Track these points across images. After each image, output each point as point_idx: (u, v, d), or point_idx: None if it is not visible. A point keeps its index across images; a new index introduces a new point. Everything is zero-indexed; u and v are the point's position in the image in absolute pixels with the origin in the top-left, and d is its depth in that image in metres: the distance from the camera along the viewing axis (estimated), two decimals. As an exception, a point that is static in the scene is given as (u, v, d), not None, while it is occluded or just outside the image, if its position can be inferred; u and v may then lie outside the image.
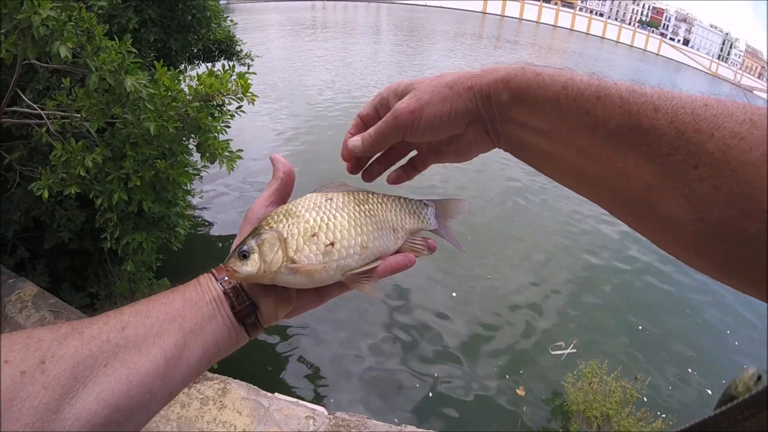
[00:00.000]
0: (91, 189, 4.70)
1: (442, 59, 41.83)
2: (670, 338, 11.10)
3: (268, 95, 22.32)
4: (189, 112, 4.17)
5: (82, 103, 4.43)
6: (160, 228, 5.36)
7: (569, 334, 10.19)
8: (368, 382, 8.36)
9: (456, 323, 9.96)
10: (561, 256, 13.44)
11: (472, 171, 17.69)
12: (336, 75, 29.20)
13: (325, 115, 21.40)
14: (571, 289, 11.95)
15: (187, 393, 4.77)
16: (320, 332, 9.31)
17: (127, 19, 6.17)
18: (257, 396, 4.91)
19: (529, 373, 9.05)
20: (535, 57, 58.68)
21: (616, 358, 9.37)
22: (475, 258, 12.35)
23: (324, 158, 16.87)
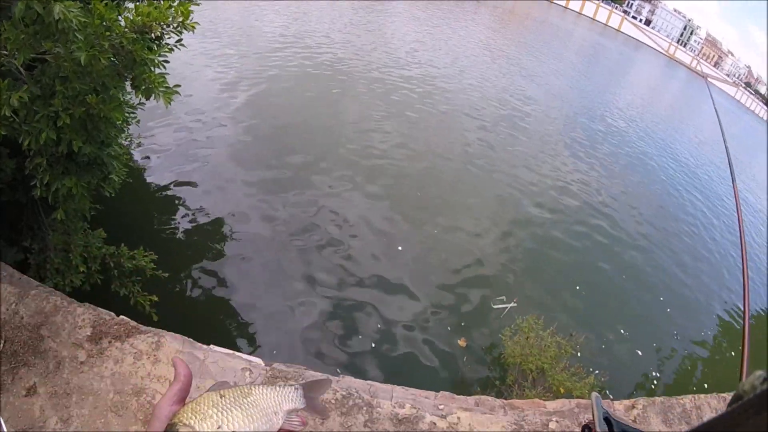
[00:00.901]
0: (20, 131, 4.37)
1: (401, 18, 40.70)
2: (607, 300, 11.66)
3: (214, 36, 21.03)
4: (124, 44, 3.88)
5: (8, 36, 4.06)
6: (92, 172, 5.03)
7: (511, 289, 10.53)
8: (309, 334, 8.32)
9: (401, 277, 10.03)
10: (507, 215, 13.78)
11: (421, 129, 17.76)
12: (288, 20, 27.88)
13: (280, 63, 20.52)
14: (516, 248, 12.34)
15: (120, 348, 4.60)
16: (260, 285, 9.12)
17: (61, -54, 5.68)
18: (192, 348, 4.79)
19: (470, 325, 9.30)
20: (496, 20, 58.44)
21: (554, 315, 9.72)
22: (423, 214, 12.45)
23: (273, 104, 16.42)
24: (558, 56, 45.96)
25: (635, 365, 10.06)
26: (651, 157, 24.80)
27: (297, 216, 10.99)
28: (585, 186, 17.32)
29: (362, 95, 19.36)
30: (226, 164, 12.38)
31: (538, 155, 18.81)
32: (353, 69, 22.24)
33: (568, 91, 32.72)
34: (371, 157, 14.51)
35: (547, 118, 24.17)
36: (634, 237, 15.13)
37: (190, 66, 15.38)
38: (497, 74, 29.57)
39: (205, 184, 11.34)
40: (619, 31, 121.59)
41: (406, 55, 27.14)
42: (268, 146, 13.67)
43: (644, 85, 56.52)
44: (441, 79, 24.41)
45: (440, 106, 20.55)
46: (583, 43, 69.18)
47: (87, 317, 4.84)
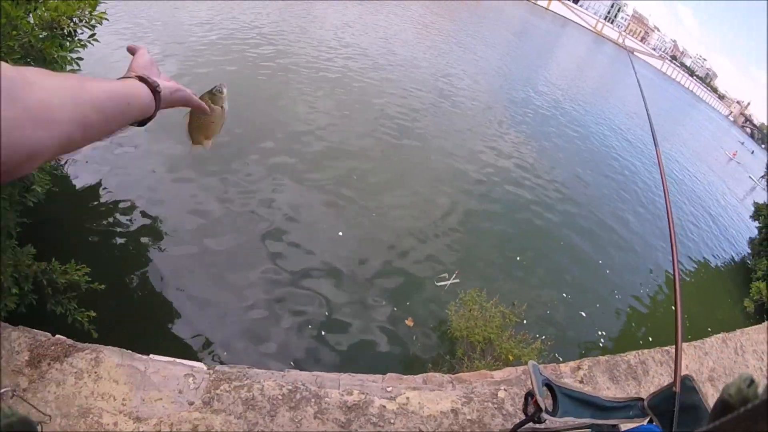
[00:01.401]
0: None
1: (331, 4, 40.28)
2: (548, 267, 12.12)
3: (138, 29, 19.94)
4: (33, 43, 3.70)
5: None
6: (12, 184, 4.78)
7: (453, 265, 10.65)
8: (253, 331, 8.12)
9: (343, 262, 9.95)
10: (444, 192, 13.91)
11: (351, 110, 17.66)
12: (214, 10, 26.11)
13: (202, 50, 19.56)
14: (455, 224, 12.51)
15: (60, 369, 4.41)
16: (199, 286, 8.75)
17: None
18: (132, 360, 4.63)
19: (416, 304, 9.37)
20: (426, 3, 58.65)
21: (497, 286, 9.96)
22: (361, 197, 12.37)
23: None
24: (488, 35, 46.85)
25: (580, 327, 10.52)
26: (581, 127, 25.96)
27: (233, 210, 10.57)
28: (517, 160, 17.80)
29: (292, 80, 18.91)
30: (155, 163, 11.63)
31: (470, 131, 19.19)
32: (281, 53, 21.74)
33: (499, 68, 33.48)
34: (304, 142, 14.20)
35: (478, 95, 24.63)
36: (569, 204, 15.80)
37: (110, 62, 14.60)
38: (428, 53, 29.82)
39: (135, 186, 10.66)
40: (548, 10, 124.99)
41: (333, 38, 26.74)
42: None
43: (571, 60, 58.63)
44: (371, 60, 24.37)
45: (371, 87, 20.50)
46: (513, 21, 70.72)
47: (23, 341, 4.62)
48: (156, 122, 2.18)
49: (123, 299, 8.06)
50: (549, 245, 13.10)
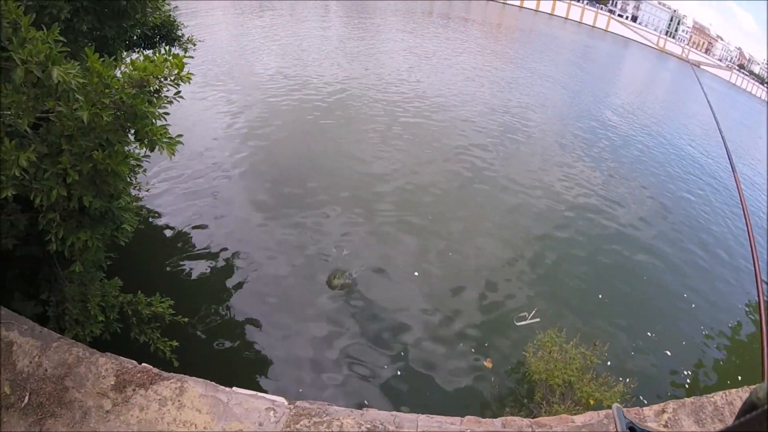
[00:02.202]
0: (31, 189, 4.48)
1: (394, 38, 41.54)
2: (630, 304, 11.47)
3: (212, 80, 21.72)
4: (124, 99, 3.99)
5: (12, 99, 4.19)
6: (105, 224, 5.14)
7: (532, 304, 10.40)
8: (331, 367, 8.34)
9: (420, 302, 10.05)
10: (519, 229, 13.70)
11: (422, 151, 17.79)
12: (284, 57, 28.64)
13: (275, 101, 20.99)
14: (532, 262, 12.22)
15: (144, 395, 4.63)
16: (277, 322, 9.20)
17: (59, 9, 5.85)
18: (215, 392, 4.80)
19: (494, 344, 9.24)
20: (485, 34, 59.02)
21: (578, 326, 9.65)
22: (435, 237, 12.45)
23: (272, 141, 16.72)
24: (550, 63, 46.22)
25: (665, 367, 9.95)
26: (654, 154, 24.73)
27: (307, 249, 11.16)
28: (592, 191, 17.27)
29: (358, 122, 19.65)
30: (233, 204, 12.67)
31: (543, 165, 18.83)
32: (348, 96, 22.65)
33: (564, 97, 32.86)
34: (375, 183, 14.68)
35: (546, 126, 24.24)
36: (649, 238, 15.01)
37: (186, 108, 15.64)
38: (493, 89, 29.73)
39: (214, 226, 11.61)
40: (607, 31, 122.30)
41: (400, 78, 27.47)
42: (272, 183, 13.94)
43: (637, 80, 56.67)
44: (438, 100, 24.66)
45: (440, 126, 20.70)
46: (573, 47, 69.53)
47: (110, 366, 4.89)
48: (240, 166, 2.32)
49: (203, 332, 8.51)
50: (631, 281, 12.48)
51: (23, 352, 5.03)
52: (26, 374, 4.83)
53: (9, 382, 4.75)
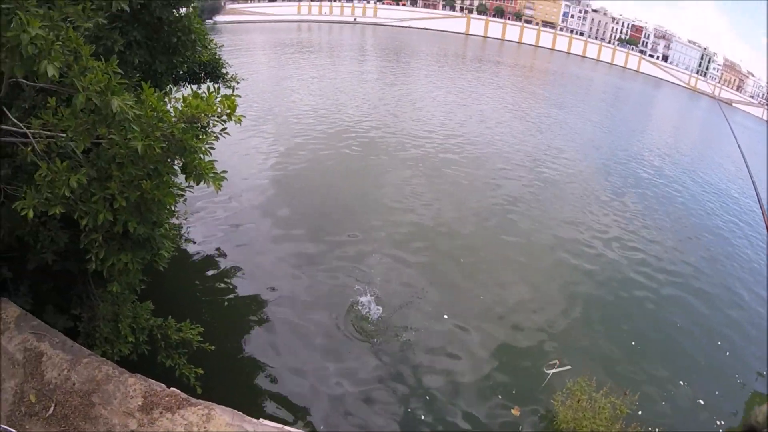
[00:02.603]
0: (76, 209, 4.67)
1: (426, 79, 42.39)
2: (662, 352, 11.09)
3: (252, 117, 22.60)
4: (175, 133, 4.19)
5: (68, 123, 4.42)
6: (145, 249, 5.32)
7: (562, 350, 10.17)
8: (357, 405, 8.30)
9: (448, 346, 9.94)
10: (552, 275, 13.45)
11: (455, 194, 17.91)
12: (321, 98, 29.58)
13: (310, 139, 21.73)
14: (564, 308, 11.97)
15: (171, 419, 4.69)
16: (305, 355, 9.26)
17: (113, 41, 6.18)
18: (242, 422, 4.84)
19: (522, 391, 9.03)
20: (517, 77, 59.49)
21: (609, 374, 9.37)
22: (467, 280, 12.36)
23: (306, 181, 17.07)
24: (583, 105, 46.13)
25: (698, 416, 9.55)
26: (689, 198, 24.08)
27: (335, 286, 11.28)
28: (627, 235, 16.97)
29: (391, 162, 20.03)
30: (263, 237, 13.01)
31: (575, 208, 18.66)
32: (381, 135, 23.22)
33: (596, 138, 32.53)
34: (406, 222, 14.83)
35: (578, 171, 23.98)
36: (683, 284, 14.58)
37: (222, 141, 16.19)
38: (525, 131, 29.77)
39: (243, 257, 11.93)
40: (638, 72, 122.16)
41: (432, 119, 27.96)
42: (303, 218, 14.28)
43: (668, 121, 56.05)
44: (470, 140, 24.97)
45: (472, 168, 20.85)
46: (606, 88, 69.44)
47: (138, 387, 4.98)
48: (272, 200, 2.37)
49: (230, 361, 8.63)
50: (664, 328, 12.07)
51: (53, 364, 5.16)
52: (53, 386, 4.95)
53: (35, 392, 4.88)
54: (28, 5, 3.64)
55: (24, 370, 5.09)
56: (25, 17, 3.57)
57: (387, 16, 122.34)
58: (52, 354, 5.28)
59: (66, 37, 4.02)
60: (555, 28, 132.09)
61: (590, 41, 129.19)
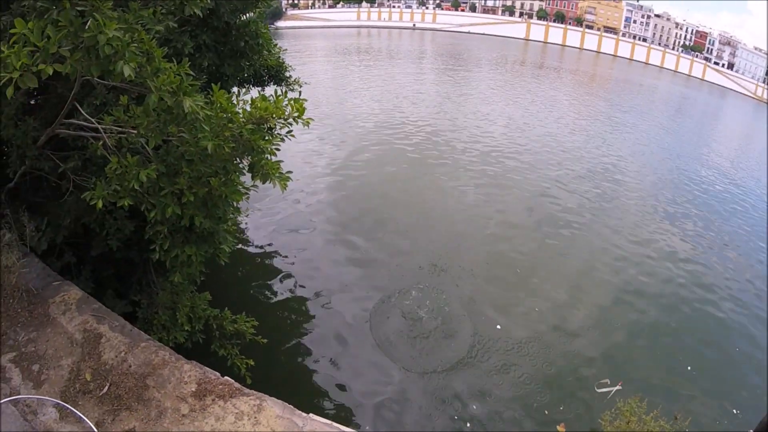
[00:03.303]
0: (144, 202, 4.92)
1: (486, 86, 41.98)
2: (719, 377, 10.60)
3: (315, 121, 22.99)
4: (243, 134, 4.35)
5: (140, 121, 4.66)
6: (209, 243, 5.56)
7: (615, 370, 9.90)
8: (401, 410, 8.36)
9: (498, 356, 9.90)
10: (609, 290, 13.13)
11: (511, 203, 17.71)
12: (381, 103, 30.05)
13: (368, 140, 22.19)
14: (618, 324, 11.66)
15: (222, 406, 4.86)
16: (355, 356, 9.41)
17: (183, 44, 6.47)
18: (292, 415, 4.96)
19: (569, 408, 8.89)
20: (578, 83, 57.97)
21: (662, 396, 9.02)
22: (522, 290, 12.27)
23: (364, 186, 17.38)
24: (646, 116, 44.23)
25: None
26: (754, 212, 22.91)
27: (386, 289, 11.44)
28: (692, 254, 16.20)
29: (448, 168, 20.09)
30: (322, 239, 13.42)
31: (635, 223, 17.99)
32: (442, 144, 23.22)
33: (659, 151, 31.07)
34: (460, 230, 14.84)
35: (639, 185, 23.03)
36: (745, 308, 13.73)
37: (289, 144, 16.74)
38: (588, 142, 28.96)
39: (302, 257, 12.35)
40: (703, 80, 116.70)
41: (491, 126, 27.81)
42: (357, 221, 14.65)
43: (734, 134, 53.15)
44: (530, 148, 24.66)
45: (530, 177, 20.58)
46: (669, 98, 66.54)
47: (193, 374, 5.17)
48: (328, 202, 2.33)
49: (281, 355, 8.92)
50: (723, 354, 11.49)
51: (111, 345, 5.42)
52: (110, 366, 5.20)
53: (91, 370, 5.12)
54: (104, 7, 3.81)
55: (82, 349, 5.34)
56: (102, 19, 3.76)
57: (446, 22, 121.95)
58: (111, 336, 5.53)
59: (139, 39, 4.21)
60: (617, 33, 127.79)
61: (654, 47, 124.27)
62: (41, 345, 5.32)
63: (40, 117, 6.03)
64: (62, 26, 3.77)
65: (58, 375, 5.07)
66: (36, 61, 3.76)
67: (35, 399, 4.77)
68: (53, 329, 5.52)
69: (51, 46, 3.76)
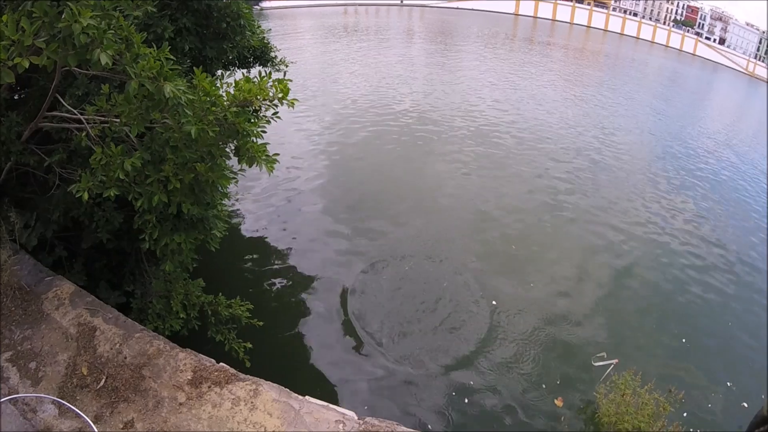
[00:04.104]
0: (130, 191, 4.85)
1: (476, 62, 41.56)
2: (713, 351, 10.67)
3: (301, 101, 22.75)
4: (228, 117, 4.28)
5: (122, 109, 4.57)
6: (198, 229, 5.51)
7: (612, 344, 9.99)
8: (402, 389, 8.40)
9: (496, 333, 9.92)
10: (602, 264, 13.17)
11: (503, 180, 17.63)
12: (370, 81, 29.52)
13: (357, 121, 21.83)
14: (614, 297, 11.77)
15: (219, 393, 4.87)
16: (351, 339, 9.39)
17: (163, 28, 6.34)
18: (288, 398, 4.96)
19: (566, 381, 8.95)
20: (569, 58, 57.63)
21: (657, 369, 9.12)
22: (517, 266, 12.29)
23: (355, 166, 17.22)
24: (637, 91, 43.94)
25: (741, 419, 9.23)
26: (749, 194, 22.84)
27: (385, 272, 11.41)
28: (685, 230, 16.19)
29: (436, 145, 19.92)
30: (315, 220, 13.30)
31: (628, 197, 17.98)
32: (433, 122, 22.93)
33: (651, 125, 30.83)
34: (459, 211, 14.76)
35: (632, 160, 22.81)
36: (739, 283, 13.82)
37: (272, 125, 16.57)
38: (580, 117, 28.72)
39: (294, 239, 12.28)
40: (695, 55, 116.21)
41: (480, 103, 27.43)
42: (350, 203, 14.50)
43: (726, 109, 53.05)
44: (521, 125, 24.41)
45: (523, 152, 20.50)
46: (660, 72, 66.20)
47: (188, 362, 5.17)
48: (320, 184, 2.20)
49: (278, 338, 8.94)
50: (717, 328, 11.62)
51: (105, 338, 5.41)
52: (105, 359, 5.19)
53: (88, 364, 5.11)
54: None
55: (77, 343, 5.33)
56: (76, 8, 3.65)
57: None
58: (105, 329, 5.52)
59: (117, 25, 4.10)
60: (608, 8, 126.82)
61: (644, 22, 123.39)
62: (37, 342, 5.30)
63: (24, 111, 5.94)
64: (37, 17, 3.66)
65: (55, 371, 5.06)
66: (12, 54, 3.66)
67: (33, 397, 4.75)
68: (47, 325, 5.50)
69: (26, 39, 3.66)
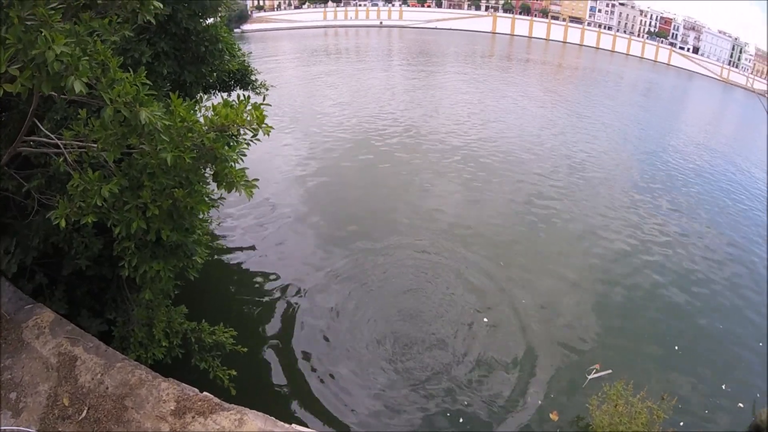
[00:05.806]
0: (109, 217, 4.76)
1: (455, 81, 42.12)
2: (707, 357, 10.74)
3: (282, 124, 22.94)
4: (205, 143, 4.23)
5: (99, 135, 4.49)
6: (178, 256, 5.42)
7: (605, 355, 10.00)
8: (390, 412, 8.26)
9: (489, 350, 9.88)
10: (593, 278, 13.24)
11: (488, 192, 17.76)
12: (350, 103, 29.82)
13: (339, 144, 21.98)
14: (605, 309, 11.81)
15: (203, 423, 4.75)
16: (337, 361, 9.27)
17: (141, 53, 6.30)
18: (274, 427, 4.86)
19: (561, 395, 8.93)
20: (547, 74, 58.56)
21: (650, 378, 9.16)
22: (506, 281, 12.26)
23: (336, 187, 17.25)
24: (614, 102, 44.61)
25: (737, 422, 9.28)
26: (728, 194, 23.15)
27: (369, 293, 11.33)
28: (669, 236, 16.44)
29: (424, 165, 20.03)
30: (298, 243, 13.25)
31: (612, 206, 18.20)
32: (413, 141, 23.22)
33: (628, 135, 31.34)
34: (444, 227, 14.80)
35: (614, 169, 23.34)
36: (727, 287, 14.03)
37: (254, 147, 16.58)
38: (555, 130, 29.16)
39: (277, 262, 12.20)
40: (669, 65, 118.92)
41: (461, 121, 27.83)
42: (334, 224, 14.49)
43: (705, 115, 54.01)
44: (502, 143, 24.67)
45: (505, 170, 20.66)
46: (636, 83, 67.48)
47: (171, 392, 5.05)
48: (304, 206, 2.19)
49: (262, 364, 8.80)
50: (708, 333, 11.76)
51: (86, 368, 5.28)
52: (87, 389, 5.06)
53: (69, 395, 4.98)
54: (52, 21, 3.64)
55: (58, 373, 5.21)
56: (50, 34, 3.58)
57: (413, 18, 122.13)
58: (86, 358, 5.39)
59: (94, 50, 4.03)
60: (582, 23, 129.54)
61: (619, 35, 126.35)
62: (17, 372, 5.17)
63: (3, 135, 5.84)
64: (11, 44, 3.60)
65: (36, 402, 4.93)
66: (-16, 82, 3.60)
67: (15, 429, 4.62)
68: (28, 354, 5.37)
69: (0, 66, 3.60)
